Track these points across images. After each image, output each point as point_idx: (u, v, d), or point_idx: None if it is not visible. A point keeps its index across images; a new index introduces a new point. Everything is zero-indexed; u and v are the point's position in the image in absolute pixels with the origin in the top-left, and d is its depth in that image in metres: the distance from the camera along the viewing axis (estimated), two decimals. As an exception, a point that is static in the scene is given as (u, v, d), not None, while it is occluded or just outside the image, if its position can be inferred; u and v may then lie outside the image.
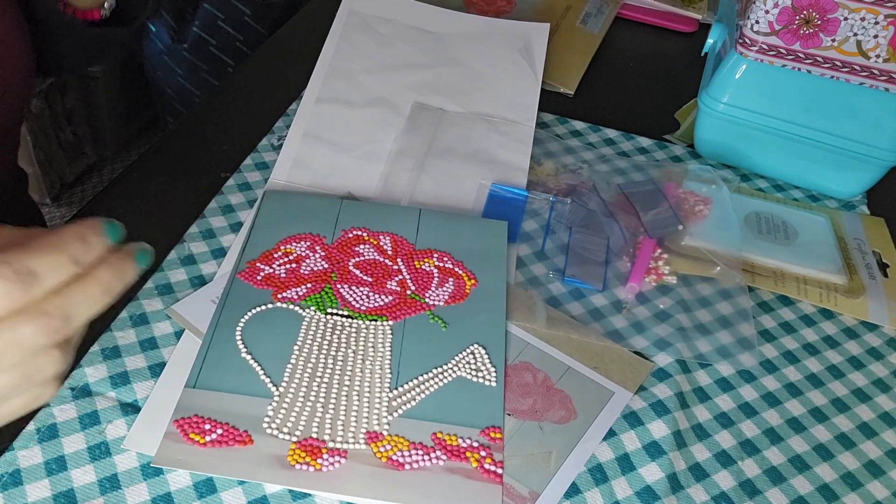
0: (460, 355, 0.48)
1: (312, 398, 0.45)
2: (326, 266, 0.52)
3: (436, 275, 0.52)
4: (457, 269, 0.53)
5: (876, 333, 0.55)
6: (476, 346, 0.48)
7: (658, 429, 0.46)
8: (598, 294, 0.54)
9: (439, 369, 0.47)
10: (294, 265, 0.52)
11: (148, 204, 0.58)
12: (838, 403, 0.50)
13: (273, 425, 0.43)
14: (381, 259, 0.53)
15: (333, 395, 0.45)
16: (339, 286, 0.51)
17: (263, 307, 0.49)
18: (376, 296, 0.51)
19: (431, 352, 0.48)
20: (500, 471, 0.42)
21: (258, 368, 0.46)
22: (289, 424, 0.43)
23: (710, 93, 0.65)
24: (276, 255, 0.53)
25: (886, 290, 0.58)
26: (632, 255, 0.57)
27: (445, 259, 0.54)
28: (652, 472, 0.44)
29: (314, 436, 0.43)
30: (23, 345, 0.31)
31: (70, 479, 0.40)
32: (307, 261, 0.52)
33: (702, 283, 0.56)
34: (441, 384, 0.46)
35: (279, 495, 0.41)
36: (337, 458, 0.42)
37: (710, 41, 0.69)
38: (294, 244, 0.53)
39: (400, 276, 0.52)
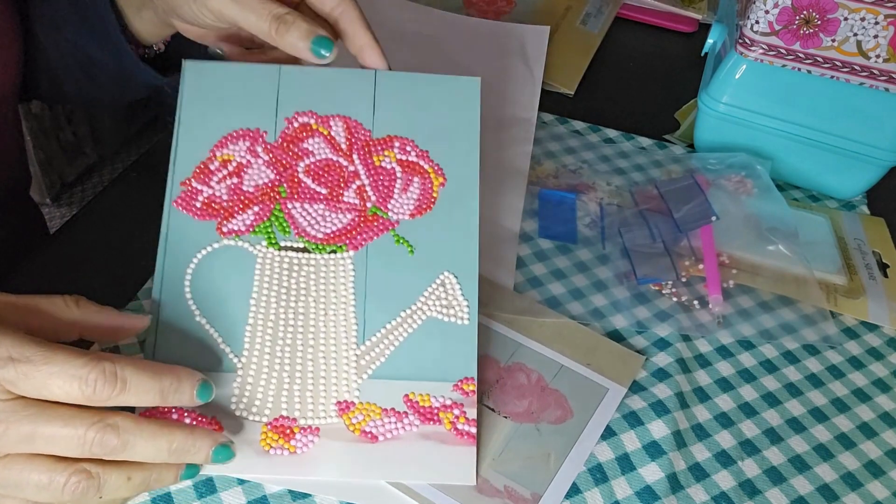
0: (430, 289, 0.44)
1: (277, 367, 0.42)
2: (273, 176, 0.45)
3: (399, 174, 0.46)
4: (422, 164, 0.46)
5: (876, 333, 0.55)
6: (447, 274, 0.44)
7: (658, 429, 0.46)
8: (598, 294, 0.54)
9: (408, 311, 0.44)
10: (236, 180, 0.45)
11: (148, 204, 0.58)
12: (838, 403, 0.50)
13: (241, 405, 0.41)
14: (335, 158, 0.46)
15: (299, 361, 0.42)
16: (289, 205, 0.45)
17: (209, 248, 0.44)
18: (333, 215, 0.45)
19: (398, 288, 0.44)
20: (473, 430, 0.42)
21: (216, 336, 0.42)
22: (257, 403, 0.41)
23: (710, 93, 0.65)
24: (212, 168, 0.45)
25: (886, 290, 0.58)
26: (688, 245, 0.57)
27: (409, 149, 0.46)
28: (652, 472, 0.44)
29: (284, 413, 0.41)
30: (81, 444, 0.33)
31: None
32: (249, 171, 0.45)
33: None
34: (410, 330, 0.43)
35: (279, 495, 0.41)
36: (310, 436, 0.41)
37: (710, 41, 0.69)
38: (231, 146, 0.45)
39: (358, 182, 0.45)
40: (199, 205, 0.44)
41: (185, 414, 0.40)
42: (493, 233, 0.57)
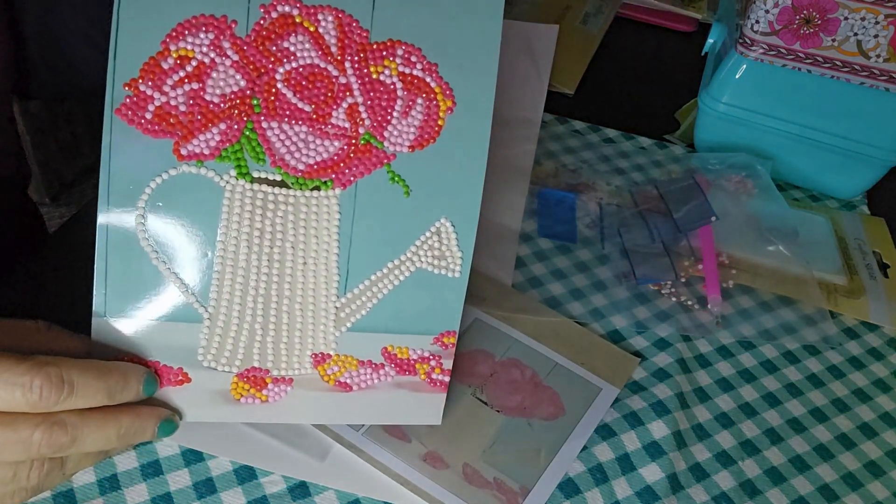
0: (423, 238, 0.39)
1: (249, 318, 0.38)
2: (243, 84, 0.35)
3: (400, 92, 0.37)
4: (429, 81, 0.37)
5: (876, 334, 0.55)
6: (443, 221, 0.39)
7: (658, 429, 0.46)
8: (598, 294, 0.54)
9: (396, 262, 0.39)
10: (196, 85, 0.35)
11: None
12: (839, 404, 0.50)
13: (209, 356, 0.38)
14: (323, 64, 0.36)
15: (273, 312, 0.38)
16: (265, 125, 0.36)
17: (165, 175, 0.35)
18: (318, 141, 0.37)
19: (388, 236, 0.38)
20: (446, 379, 0.41)
21: (178, 283, 0.36)
22: (227, 354, 0.38)
23: (710, 93, 0.64)
24: (166, 66, 0.35)
25: (887, 290, 0.58)
26: (687, 245, 0.57)
27: (414, 59, 0.37)
28: (652, 472, 0.44)
29: (256, 364, 0.38)
30: (28, 447, 0.33)
31: (69, 480, 0.40)
32: (214, 73, 0.35)
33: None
34: (396, 282, 0.39)
35: (279, 495, 0.41)
36: (283, 386, 0.39)
37: (710, 41, 0.69)
38: (190, 39, 0.35)
39: (350, 99, 0.37)
40: (149, 115, 0.35)
41: (148, 363, 0.37)
42: (494, 231, 0.57)
